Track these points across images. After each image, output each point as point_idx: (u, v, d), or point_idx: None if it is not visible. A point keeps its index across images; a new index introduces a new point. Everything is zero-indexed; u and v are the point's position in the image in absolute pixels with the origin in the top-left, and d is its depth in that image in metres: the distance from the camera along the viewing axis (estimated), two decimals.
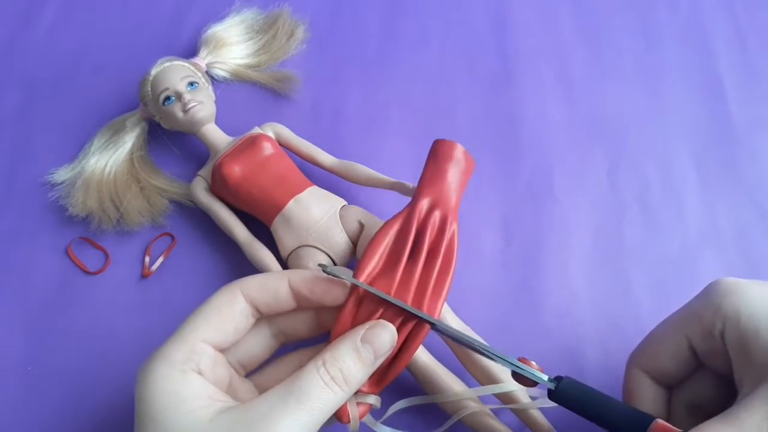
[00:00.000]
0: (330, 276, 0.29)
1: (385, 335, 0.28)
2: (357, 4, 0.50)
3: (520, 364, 0.29)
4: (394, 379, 0.29)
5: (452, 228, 0.32)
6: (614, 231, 0.42)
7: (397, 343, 0.28)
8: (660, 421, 0.27)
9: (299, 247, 0.37)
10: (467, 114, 0.46)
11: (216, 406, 0.26)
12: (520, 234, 0.42)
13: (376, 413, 0.32)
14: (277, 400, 0.25)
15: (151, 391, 0.26)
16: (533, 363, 0.30)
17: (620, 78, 0.47)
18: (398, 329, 0.29)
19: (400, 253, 0.31)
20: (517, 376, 0.30)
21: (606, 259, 0.41)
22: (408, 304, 0.29)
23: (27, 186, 0.43)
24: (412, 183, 0.38)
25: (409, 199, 0.38)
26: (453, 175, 0.33)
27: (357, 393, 0.29)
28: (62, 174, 0.43)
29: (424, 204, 0.32)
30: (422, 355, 0.35)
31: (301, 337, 0.31)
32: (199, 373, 0.27)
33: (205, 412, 0.25)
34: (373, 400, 0.29)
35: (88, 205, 0.41)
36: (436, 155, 0.34)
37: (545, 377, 0.29)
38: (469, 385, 0.35)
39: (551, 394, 0.30)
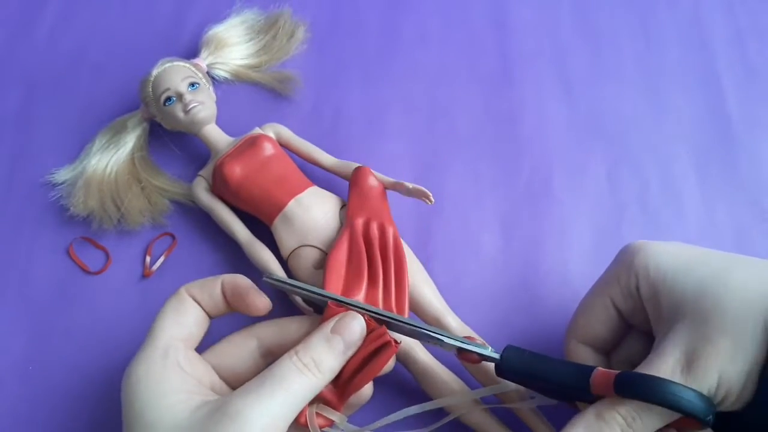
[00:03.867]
0: (255, 288, 0.31)
1: (354, 325, 0.29)
2: (357, 4, 0.50)
3: (463, 340, 0.30)
4: (355, 392, 0.30)
5: (391, 231, 0.36)
6: (614, 231, 0.42)
7: (361, 357, 0.30)
8: (600, 368, 0.28)
9: (300, 246, 0.37)
10: (467, 114, 0.46)
11: (195, 400, 0.27)
12: (520, 234, 0.42)
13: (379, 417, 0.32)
14: (254, 388, 0.26)
15: (134, 391, 0.27)
16: (478, 338, 0.31)
17: (620, 78, 0.47)
18: (366, 340, 0.30)
19: (360, 265, 0.34)
20: (463, 354, 0.30)
21: (606, 259, 0.41)
22: (380, 307, 0.33)
23: (28, 186, 0.43)
24: (412, 183, 0.38)
25: (411, 198, 0.38)
26: (374, 192, 0.38)
27: (322, 404, 0.30)
28: (63, 174, 0.43)
29: (359, 222, 0.36)
30: (422, 354, 0.35)
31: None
32: (177, 366, 0.28)
33: (185, 406, 0.26)
34: (338, 418, 0.30)
35: (89, 204, 0.41)
36: (357, 181, 0.38)
37: (489, 349, 0.30)
38: (468, 383, 0.35)
39: (498, 369, 0.30)
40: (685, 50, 0.48)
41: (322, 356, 0.28)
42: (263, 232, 0.39)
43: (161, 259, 0.41)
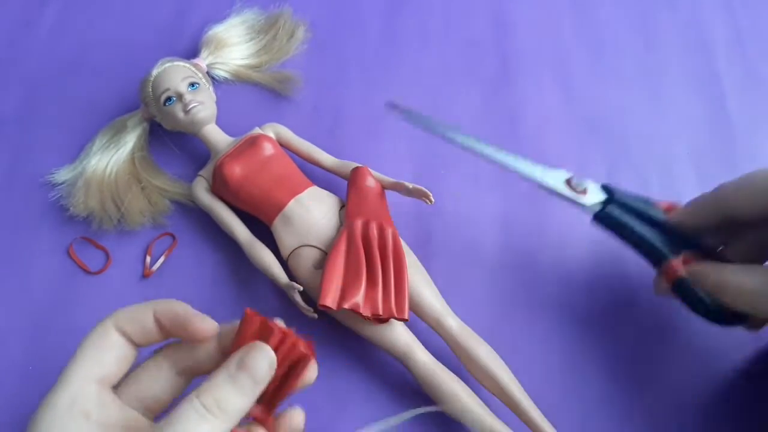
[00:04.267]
0: (196, 313, 0.28)
1: (261, 360, 0.25)
2: (357, 4, 0.50)
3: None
4: (284, 401, 0.27)
5: (390, 231, 0.36)
6: None
7: (279, 373, 0.26)
8: (678, 258, 0.33)
9: (300, 246, 0.37)
10: (467, 114, 0.46)
11: None
12: (520, 234, 0.42)
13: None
14: None
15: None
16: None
17: (620, 78, 0.47)
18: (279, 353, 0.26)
19: (358, 266, 0.35)
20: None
21: (606, 259, 0.41)
22: (378, 308, 0.34)
23: (28, 186, 0.43)
24: (412, 183, 0.38)
25: (411, 198, 0.38)
26: (373, 192, 0.38)
27: (249, 422, 0.27)
28: (63, 174, 0.43)
29: (358, 222, 0.36)
30: (422, 355, 0.35)
31: (206, 371, 0.28)
32: (86, 416, 0.25)
33: None
34: None
35: (89, 205, 0.41)
36: (355, 181, 0.39)
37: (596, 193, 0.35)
38: (468, 383, 0.35)
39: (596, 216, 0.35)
40: (685, 50, 0.48)
41: (226, 396, 0.25)
42: (263, 232, 0.39)
43: (161, 259, 0.41)
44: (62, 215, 0.42)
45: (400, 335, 0.35)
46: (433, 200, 0.37)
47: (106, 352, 0.27)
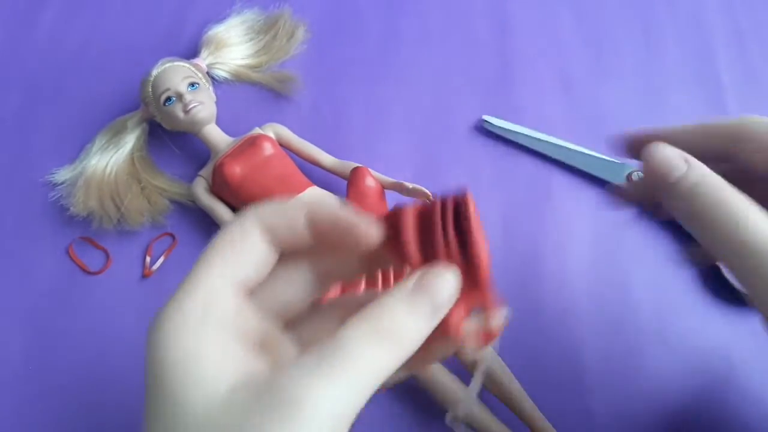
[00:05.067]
0: (364, 217, 0.22)
1: (439, 280, 0.22)
2: (357, 4, 0.50)
3: None
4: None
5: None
6: (614, 231, 0.42)
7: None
8: None
9: None
10: (467, 114, 0.46)
11: (235, 377, 0.20)
12: (520, 234, 0.42)
13: None
14: (311, 367, 0.19)
15: (161, 349, 0.20)
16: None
17: (620, 78, 0.47)
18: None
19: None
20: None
21: (606, 259, 0.41)
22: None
23: (28, 186, 0.43)
24: (411, 183, 0.38)
25: (409, 199, 0.38)
26: (372, 192, 0.38)
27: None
28: (63, 174, 0.43)
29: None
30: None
31: (345, 276, 0.25)
32: (219, 326, 0.21)
33: (221, 386, 0.19)
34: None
35: (89, 204, 0.41)
36: (355, 181, 0.38)
37: None
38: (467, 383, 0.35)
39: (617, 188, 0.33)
40: (685, 50, 0.48)
41: (403, 320, 0.21)
42: None
43: (161, 259, 0.41)
44: (62, 215, 0.42)
45: None
46: None
47: (243, 253, 0.22)
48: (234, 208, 0.40)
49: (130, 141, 0.43)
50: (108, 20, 0.50)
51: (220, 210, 0.40)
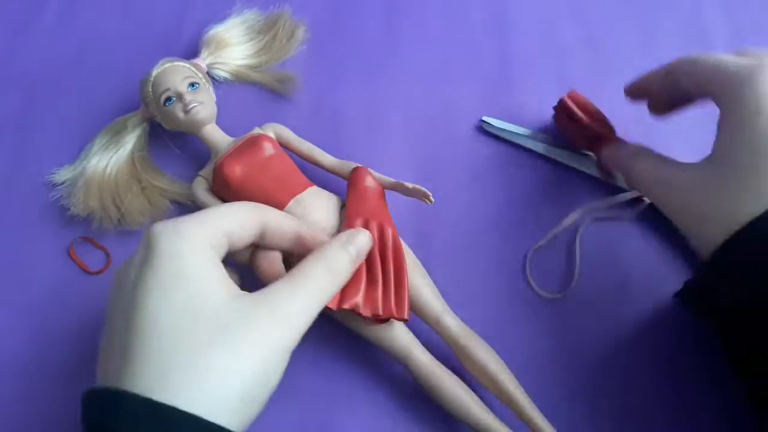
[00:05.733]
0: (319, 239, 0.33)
1: (363, 239, 0.33)
2: (357, 4, 0.50)
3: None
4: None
5: (390, 232, 0.36)
6: (614, 231, 0.42)
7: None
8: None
9: None
10: (467, 114, 0.46)
11: (233, 290, 0.27)
12: (519, 234, 0.42)
13: None
14: (288, 284, 0.28)
15: (185, 249, 0.27)
16: None
17: (620, 78, 0.47)
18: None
19: (359, 268, 0.34)
20: None
21: (605, 258, 0.41)
22: (378, 308, 0.34)
23: (28, 186, 0.43)
24: (411, 183, 0.38)
25: (411, 198, 0.38)
26: (372, 192, 0.38)
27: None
28: (63, 174, 0.43)
29: (357, 223, 0.36)
30: (422, 355, 0.35)
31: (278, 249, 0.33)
32: (218, 255, 0.28)
33: (226, 293, 0.27)
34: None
35: (89, 205, 0.41)
36: (355, 182, 0.39)
37: None
38: (467, 382, 0.35)
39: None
40: (685, 50, 0.48)
41: (340, 260, 0.31)
42: None
43: None
44: (62, 215, 0.42)
45: (399, 335, 0.35)
46: (433, 200, 0.37)
47: (243, 228, 0.30)
48: None
49: (130, 141, 0.43)
50: (108, 20, 0.50)
51: None
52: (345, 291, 0.34)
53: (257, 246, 0.32)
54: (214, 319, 0.25)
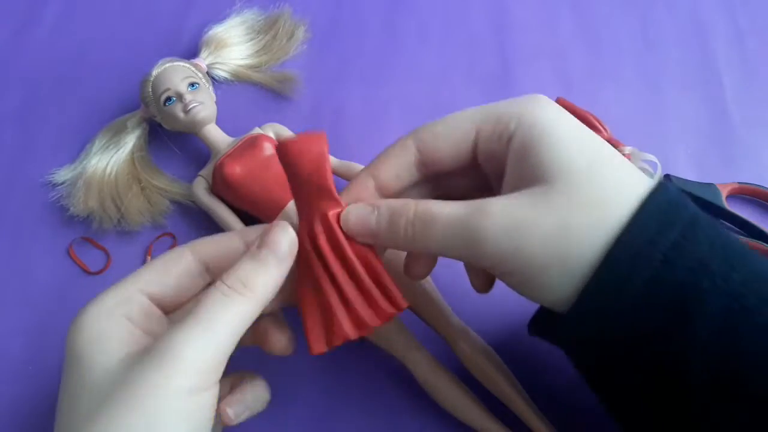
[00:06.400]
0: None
1: (277, 233, 0.26)
2: (357, 4, 0.50)
3: None
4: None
5: (334, 217, 0.28)
6: None
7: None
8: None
9: None
10: None
11: (132, 348, 0.25)
12: None
13: None
14: (184, 323, 0.24)
15: (78, 331, 0.25)
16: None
17: (620, 78, 0.47)
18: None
19: (323, 291, 0.28)
20: None
21: None
22: (368, 323, 0.28)
23: (28, 186, 0.43)
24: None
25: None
26: (306, 167, 0.27)
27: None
28: (63, 174, 0.43)
29: (303, 232, 0.28)
30: (422, 355, 0.35)
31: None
32: (129, 319, 0.26)
33: (121, 353, 0.24)
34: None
35: (89, 205, 0.41)
36: (287, 163, 0.28)
37: None
38: (466, 382, 0.35)
39: None
40: (685, 50, 0.48)
41: (250, 273, 0.25)
42: None
43: None
44: (62, 215, 0.42)
45: (399, 335, 0.35)
46: None
47: (170, 278, 0.27)
48: (234, 208, 0.40)
49: (130, 141, 0.43)
50: (108, 20, 0.50)
51: (221, 210, 0.40)
52: (328, 326, 0.28)
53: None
54: (98, 387, 0.24)
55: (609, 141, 0.40)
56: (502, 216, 0.25)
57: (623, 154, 0.39)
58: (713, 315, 0.23)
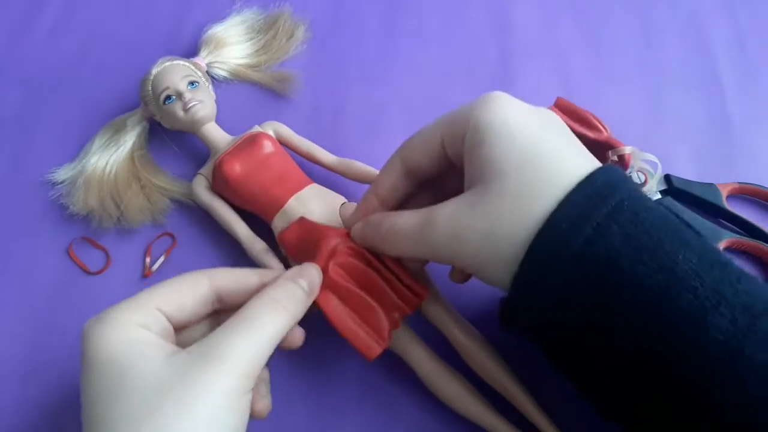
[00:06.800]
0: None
1: (314, 272, 0.31)
2: (357, 4, 0.50)
3: None
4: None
5: (349, 247, 0.33)
6: None
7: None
8: None
9: None
10: None
11: (167, 348, 0.26)
12: None
13: None
14: (231, 330, 0.26)
15: (104, 338, 0.26)
16: None
17: (620, 78, 0.47)
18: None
19: (359, 300, 0.32)
20: None
21: None
22: (406, 311, 0.33)
23: (28, 186, 0.43)
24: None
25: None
26: (303, 243, 0.35)
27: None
28: (63, 173, 0.43)
29: (324, 264, 0.32)
30: (424, 352, 0.35)
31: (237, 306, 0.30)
32: (146, 328, 0.27)
33: (160, 356, 0.25)
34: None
35: (89, 203, 0.41)
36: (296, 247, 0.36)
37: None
38: (470, 379, 0.35)
39: None
40: (685, 50, 0.48)
41: (289, 296, 0.29)
42: (263, 229, 0.39)
43: (161, 259, 0.41)
44: (62, 214, 0.42)
45: (402, 333, 0.35)
46: None
47: (187, 301, 0.28)
48: (234, 206, 0.40)
49: (130, 140, 0.43)
50: (108, 20, 0.50)
51: (220, 208, 0.40)
52: (374, 328, 0.32)
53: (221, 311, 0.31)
54: (145, 387, 0.24)
55: (609, 141, 0.40)
56: (444, 224, 0.28)
57: (623, 154, 0.39)
58: (627, 312, 0.25)
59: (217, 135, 0.41)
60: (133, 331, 0.26)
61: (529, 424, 0.34)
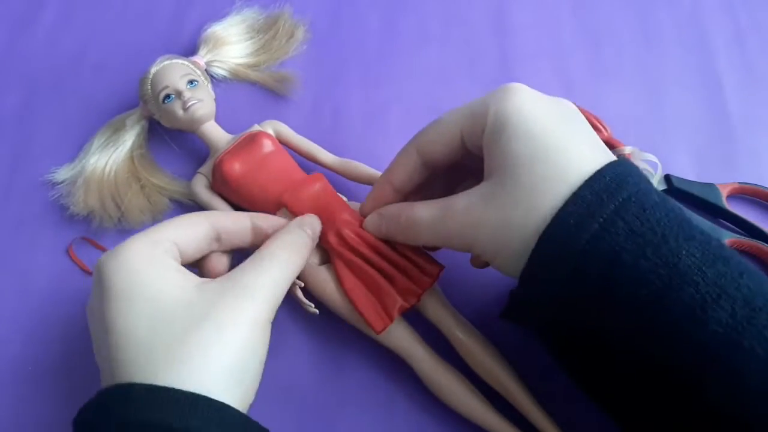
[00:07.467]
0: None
1: (315, 221, 0.35)
2: (357, 4, 0.50)
3: None
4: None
5: (352, 232, 0.35)
6: None
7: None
8: None
9: None
10: None
11: (193, 279, 0.28)
12: None
13: None
14: (254, 265, 0.29)
15: (128, 266, 0.27)
16: None
17: (620, 78, 0.47)
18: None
19: (369, 274, 0.34)
20: None
21: None
22: (416, 290, 0.34)
23: (28, 186, 0.43)
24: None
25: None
26: (312, 189, 0.38)
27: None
28: (63, 173, 0.43)
29: (332, 237, 0.36)
30: (425, 352, 0.35)
31: (240, 247, 0.34)
32: (173, 259, 0.29)
33: (190, 283, 0.28)
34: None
35: (89, 203, 0.41)
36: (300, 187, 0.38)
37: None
38: (470, 379, 0.35)
39: None
40: (685, 50, 0.48)
41: (297, 239, 0.32)
42: None
43: None
44: (62, 214, 0.42)
45: (402, 332, 0.35)
46: None
47: (193, 236, 0.31)
48: (234, 205, 0.40)
49: (129, 139, 0.43)
50: (108, 20, 0.50)
51: (220, 207, 0.40)
52: (381, 303, 0.34)
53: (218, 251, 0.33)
54: (181, 311, 0.26)
55: (609, 141, 0.40)
56: (462, 215, 0.29)
57: (623, 154, 0.39)
58: (628, 306, 0.25)
59: (216, 134, 0.41)
60: (160, 260, 0.28)
61: (529, 424, 0.34)
